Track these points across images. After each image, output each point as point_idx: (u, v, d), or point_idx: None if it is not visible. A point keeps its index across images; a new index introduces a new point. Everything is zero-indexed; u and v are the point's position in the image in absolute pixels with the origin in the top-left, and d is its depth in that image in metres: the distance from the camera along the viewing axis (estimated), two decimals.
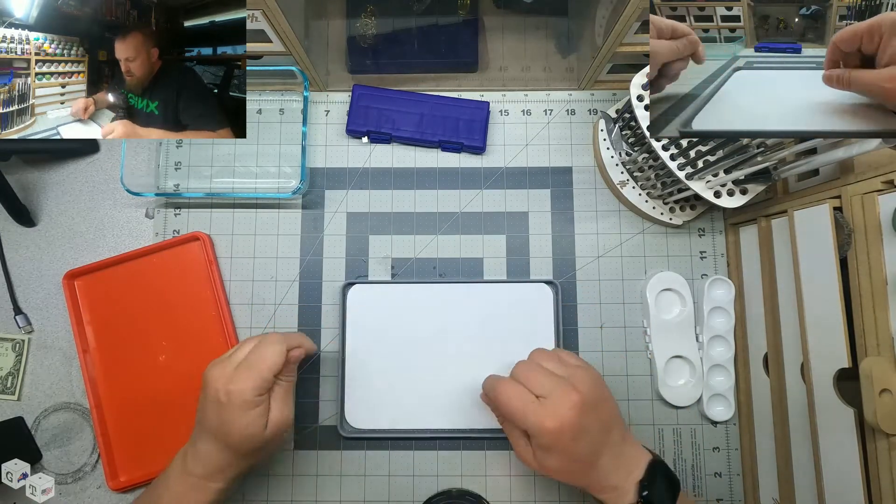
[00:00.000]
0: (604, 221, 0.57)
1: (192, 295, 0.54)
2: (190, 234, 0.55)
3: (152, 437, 0.53)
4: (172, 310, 0.54)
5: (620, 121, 0.56)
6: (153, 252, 0.55)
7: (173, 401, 0.53)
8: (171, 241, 0.55)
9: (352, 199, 0.58)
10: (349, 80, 0.60)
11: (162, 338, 0.54)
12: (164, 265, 0.55)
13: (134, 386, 0.53)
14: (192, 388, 0.47)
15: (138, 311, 0.54)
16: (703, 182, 0.47)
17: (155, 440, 0.53)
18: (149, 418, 0.53)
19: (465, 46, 0.59)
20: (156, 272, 0.55)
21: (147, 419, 0.53)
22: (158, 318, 0.54)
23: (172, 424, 0.53)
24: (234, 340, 0.54)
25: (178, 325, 0.54)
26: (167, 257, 0.55)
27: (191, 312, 0.54)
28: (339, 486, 0.54)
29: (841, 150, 0.39)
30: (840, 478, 0.40)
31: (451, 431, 0.53)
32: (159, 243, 0.56)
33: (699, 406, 0.54)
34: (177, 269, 0.55)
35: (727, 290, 0.54)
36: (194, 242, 0.56)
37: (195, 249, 0.55)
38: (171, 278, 0.55)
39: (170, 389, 0.53)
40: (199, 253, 0.55)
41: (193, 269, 0.55)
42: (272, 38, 0.50)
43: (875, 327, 0.38)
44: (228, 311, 0.55)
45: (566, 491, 0.53)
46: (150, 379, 0.53)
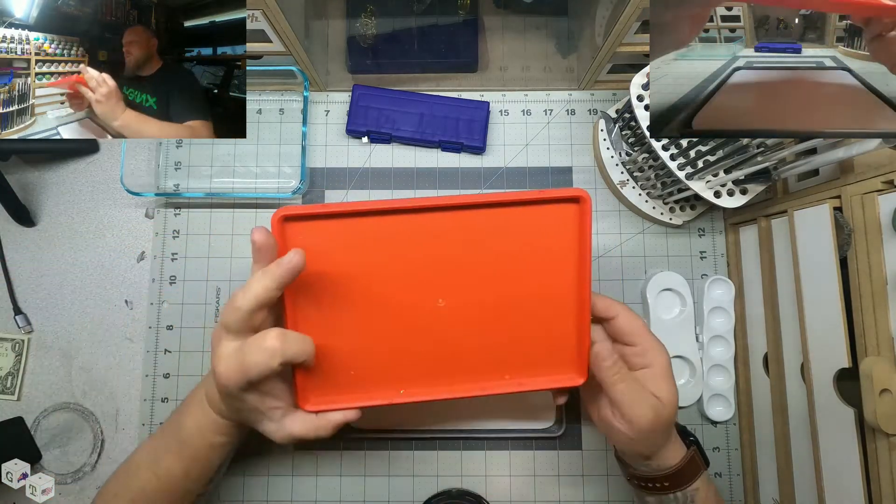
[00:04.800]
0: (604, 221, 0.57)
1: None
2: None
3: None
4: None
5: (620, 121, 0.56)
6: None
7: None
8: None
9: (352, 199, 0.58)
10: (349, 80, 0.60)
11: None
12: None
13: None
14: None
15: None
16: (703, 182, 0.47)
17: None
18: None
19: (465, 46, 0.59)
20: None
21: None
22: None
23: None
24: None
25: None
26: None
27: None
28: (339, 486, 0.54)
29: (841, 150, 0.39)
30: (840, 478, 0.40)
31: (451, 431, 0.53)
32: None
33: (699, 406, 0.54)
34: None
35: (727, 290, 0.54)
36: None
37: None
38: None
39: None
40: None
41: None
42: (272, 38, 0.50)
43: (875, 327, 0.38)
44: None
45: (566, 491, 0.53)
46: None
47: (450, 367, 0.42)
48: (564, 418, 0.53)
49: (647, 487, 0.43)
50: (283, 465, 0.54)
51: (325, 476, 0.54)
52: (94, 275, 0.57)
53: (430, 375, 0.42)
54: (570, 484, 0.53)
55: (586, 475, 0.54)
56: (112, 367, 0.56)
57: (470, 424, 0.53)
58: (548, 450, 0.54)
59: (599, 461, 0.54)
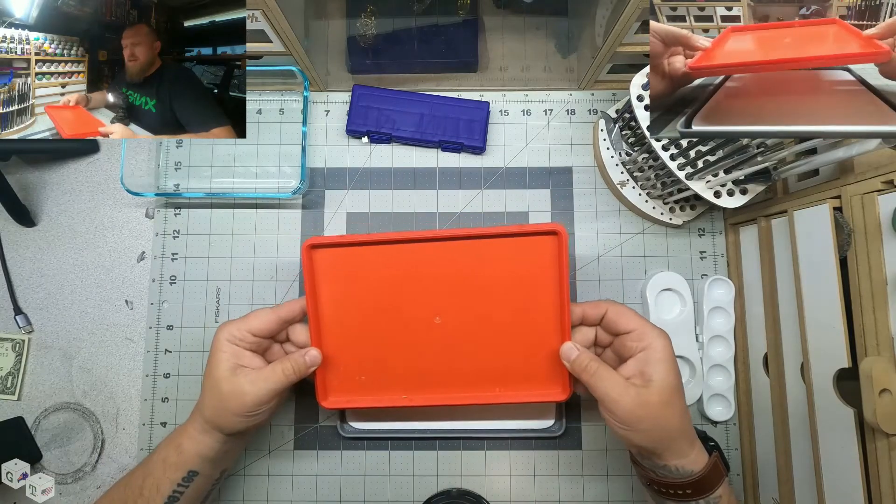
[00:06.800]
0: (604, 221, 0.57)
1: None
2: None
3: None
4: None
5: (620, 121, 0.56)
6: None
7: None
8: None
9: (352, 199, 0.58)
10: (349, 80, 0.60)
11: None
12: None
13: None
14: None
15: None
16: (703, 182, 0.47)
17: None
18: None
19: (465, 46, 0.59)
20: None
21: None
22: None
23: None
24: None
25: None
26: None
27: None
28: (339, 486, 0.54)
29: (841, 150, 0.39)
30: (840, 478, 0.40)
31: (451, 431, 0.53)
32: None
33: (699, 406, 0.54)
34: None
35: (727, 290, 0.54)
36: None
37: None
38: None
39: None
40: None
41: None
42: (272, 38, 0.50)
43: (875, 327, 0.38)
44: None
45: (565, 491, 0.53)
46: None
47: (447, 378, 0.48)
48: (564, 418, 0.53)
49: (669, 494, 0.41)
50: (283, 465, 0.54)
51: (325, 476, 0.54)
52: (95, 275, 0.57)
53: (429, 384, 0.48)
54: (570, 484, 0.53)
55: (586, 475, 0.54)
56: (112, 367, 0.56)
57: (470, 424, 0.53)
58: (548, 450, 0.54)
59: (599, 461, 0.54)
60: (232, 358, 0.44)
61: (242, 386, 0.43)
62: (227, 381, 0.43)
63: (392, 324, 0.47)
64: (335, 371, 0.48)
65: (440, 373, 0.48)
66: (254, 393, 0.43)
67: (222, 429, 0.43)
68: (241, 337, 0.44)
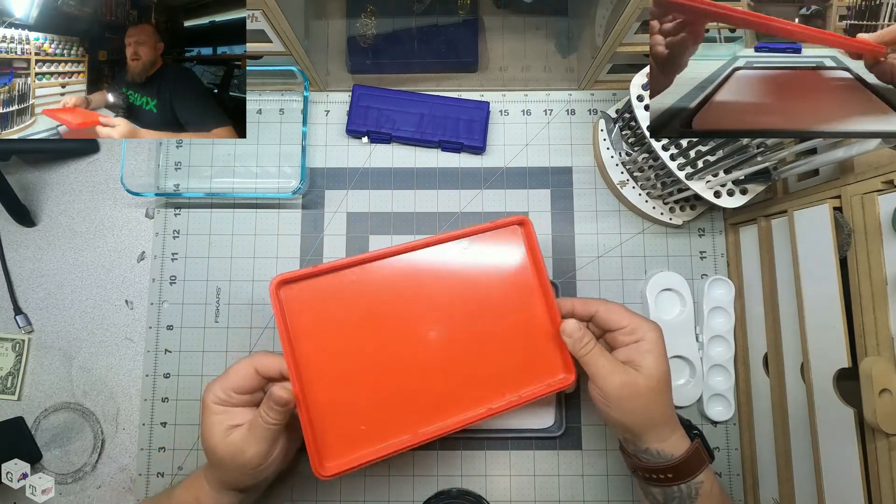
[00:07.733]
0: (604, 221, 0.57)
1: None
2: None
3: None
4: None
5: (620, 121, 0.56)
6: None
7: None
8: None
9: (352, 199, 0.58)
10: (349, 80, 0.60)
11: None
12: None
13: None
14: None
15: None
16: (703, 182, 0.47)
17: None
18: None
19: (465, 46, 0.59)
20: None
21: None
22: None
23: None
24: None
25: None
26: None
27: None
28: (339, 486, 0.54)
29: (841, 150, 0.39)
30: (840, 478, 0.40)
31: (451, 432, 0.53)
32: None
33: (699, 406, 0.54)
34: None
35: (727, 290, 0.54)
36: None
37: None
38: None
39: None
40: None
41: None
42: (272, 38, 0.50)
43: (875, 327, 0.38)
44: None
45: (565, 491, 0.53)
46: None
47: (455, 397, 0.45)
48: (564, 418, 0.53)
49: (652, 479, 0.43)
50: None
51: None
52: (95, 275, 0.57)
53: (438, 408, 0.45)
54: (570, 484, 0.53)
55: (586, 475, 0.54)
56: (112, 367, 0.56)
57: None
58: (548, 450, 0.54)
59: (599, 461, 0.54)
60: (224, 420, 0.42)
61: (239, 445, 0.41)
62: (223, 446, 0.41)
63: (383, 355, 0.44)
64: (332, 426, 0.42)
65: (446, 393, 0.45)
66: (253, 450, 0.41)
67: (237, 486, 0.43)
68: (225, 398, 0.42)
